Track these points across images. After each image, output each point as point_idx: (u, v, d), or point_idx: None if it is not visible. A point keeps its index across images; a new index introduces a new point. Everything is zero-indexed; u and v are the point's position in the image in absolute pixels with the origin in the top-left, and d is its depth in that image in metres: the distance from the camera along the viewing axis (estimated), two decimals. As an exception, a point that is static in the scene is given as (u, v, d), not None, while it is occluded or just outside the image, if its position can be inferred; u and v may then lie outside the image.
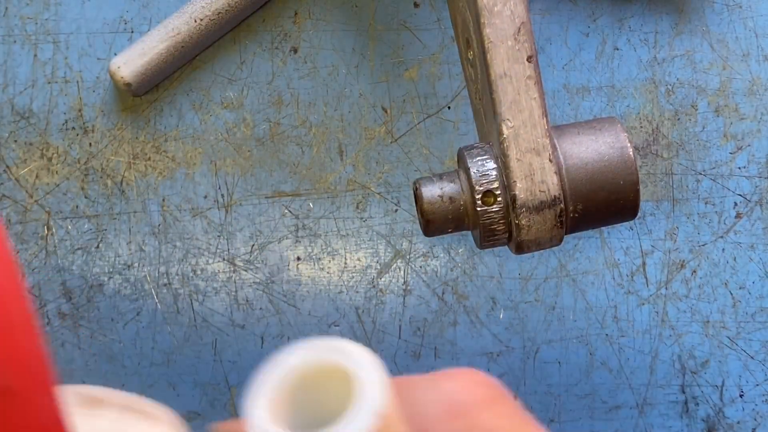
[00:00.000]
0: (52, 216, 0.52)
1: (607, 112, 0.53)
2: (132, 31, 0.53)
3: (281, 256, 0.52)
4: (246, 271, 0.52)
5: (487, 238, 0.38)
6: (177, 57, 0.51)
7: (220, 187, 0.53)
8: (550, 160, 0.37)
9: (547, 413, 0.52)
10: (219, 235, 0.52)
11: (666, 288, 0.52)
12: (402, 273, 0.52)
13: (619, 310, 0.52)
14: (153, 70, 0.51)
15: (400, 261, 0.52)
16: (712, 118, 0.53)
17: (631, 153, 0.38)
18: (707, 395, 0.52)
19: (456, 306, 0.52)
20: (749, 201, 0.53)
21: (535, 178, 0.37)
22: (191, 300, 0.52)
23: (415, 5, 0.54)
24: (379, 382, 0.23)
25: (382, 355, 0.52)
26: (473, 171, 0.38)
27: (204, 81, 0.53)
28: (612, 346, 0.52)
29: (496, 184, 0.37)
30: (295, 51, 0.53)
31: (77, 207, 0.52)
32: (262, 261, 0.52)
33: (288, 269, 0.52)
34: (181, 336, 0.52)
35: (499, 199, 0.37)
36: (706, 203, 0.53)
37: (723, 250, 0.52)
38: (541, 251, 0.49)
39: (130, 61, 0.50)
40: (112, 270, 0.52)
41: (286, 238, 0.52)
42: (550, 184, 0.37)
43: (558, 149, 0.38)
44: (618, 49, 0.53)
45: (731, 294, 0.52)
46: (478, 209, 0.37)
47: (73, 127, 0.53)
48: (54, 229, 0.52)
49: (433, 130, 0.53)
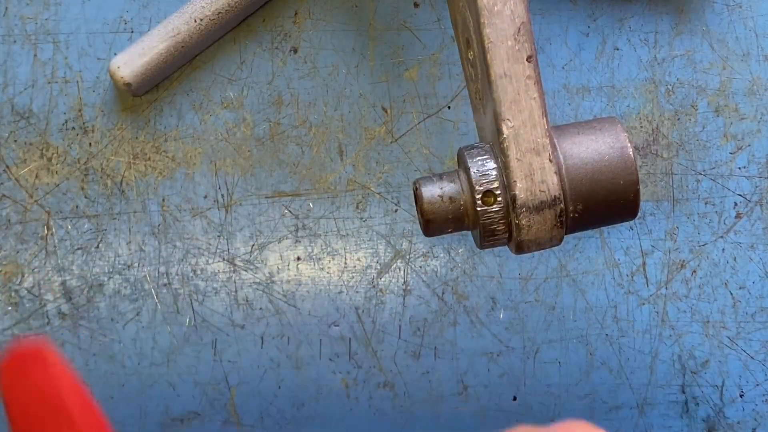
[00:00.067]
0: (52, 216, 0.52)
1: (607, 112, 0.53)
2: (132, 31, 0.53)
3: (281, 256, 0.52)
4: (246, 271, 0.52)
5: (487, 238, 0.38)
6: (177, 57, 0.51)
7: (220, 187, 0.53)
8: (550, 160, 0.37)
9: (547, 413, 0.52)
10: (219, 235, 0.52)
11: (666, 288, 0.52)
12: (402, 273, 0.52)
13: (619, 310, 0.52)
14: (153, 70, 0.51)
15: (400, 261, 0.52)
16: (712, 118, 0.53)
17: (631, 153, 0.38)
18: (707, 395, 0.52)
19: (456, 306, 0.52)
20: (749, 201, 0.53)
21: (535, 178, 0.37)
22: (191, 300, 0.52)
23: (415, 5, 0.54)
24: None
25: (382, 355, 0.52)
26: (473, 171, 0.38)
27: (204, 81, 0.53)
28: (612, 346, 0.52)
29: (496, 184, 0.37)
30: (295, 51, 0.53)
31: (77, 207, 0.52)
32: (262, 261, 0.52)
33: (288, 269, 0.52)
34: (181, 336, 0.52)
35: (499, 199, 0.37)
36: (706, 203, 0.53)
37: (723, 250, 0.52)
38: (541, 251, 0.49)
39: (130, 61, 0.50)
40: (112, 270, 0.52)
41: (286, 238, 0.52)
42: (550, 184, 0.37)
43: (558, 149, 0.38)
44: (618, 49, 0.53)
45: (731, 294, 0.52)
46: (478, 209, 0.37)
47: (73, 127, 0.53)
48: (54, 229, 0.52)
49: (433, 130, 0.53)
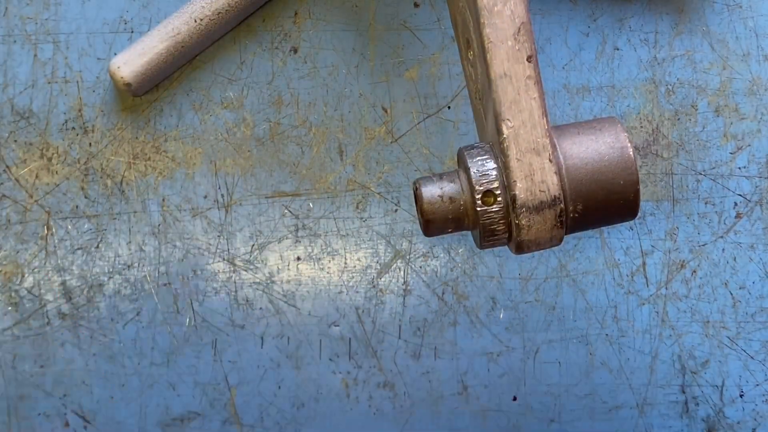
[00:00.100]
0: (52, 216, 0.52)
1: (607, 112, 0.53)
2: (132, 31, 0.53)
3: (281, 256, 0.52)
4: (246, 271, 0.52)
5: (487, 238, 0.38)
6: (177, 57, 0.51)
7: (220, 187, 0.53)
8: (550, 160, 0.37)
9: (547, 413, 0.52)
10: (219, 235, 0.52)
11: (666, 288, 0.52)
12: (402, 273, 0.52)
13: (619, 310, 0.52)
14: (153, 70, 0.51)
15: (400, 261, 0.52)
16: (712, 118, 0.53)
17: (631, 153, 0.38)
18: (707, 395, 0.52)
19: (456, 306, 0.52)
20: (749, 201, 0.53)
21: (535, 178, 0.37)
22: (191, 300, 0.52)
23: (415, 5, 0.54)
24: None
25: (382, 355, 0.52)
26: (473, 171, 0.38)
27: (204, 81, 0.53)
28: (612, 346, 0.52)
29: (496, 184, 0.37)
30: (295, 51, 0.53)
31: (77, 207, 0.52)
32: (262, 261, 0.52)
33: (288, 269, 0.52)
34: (181, 336, 0.52)
35: (499, 199, 0.37)
36: (706, 203, 0.53)
37: (723, 250, 0.52)
38: (541, 251, 0.49)
39: (130, 61, 0.50)
40: (112, 270, 0.52)
41: (286, 238, 0.52)
42: (550, 184, 0.37)
43: (558, 149, 0.38)
44: (618, 49, 0.53)
45: (731, 294, 0.52)
46: (478, 209, 0.37)
47: (73, 127, 0.53)
48: (54, 229, 0.52)
49: (433, 130, 0.53)
